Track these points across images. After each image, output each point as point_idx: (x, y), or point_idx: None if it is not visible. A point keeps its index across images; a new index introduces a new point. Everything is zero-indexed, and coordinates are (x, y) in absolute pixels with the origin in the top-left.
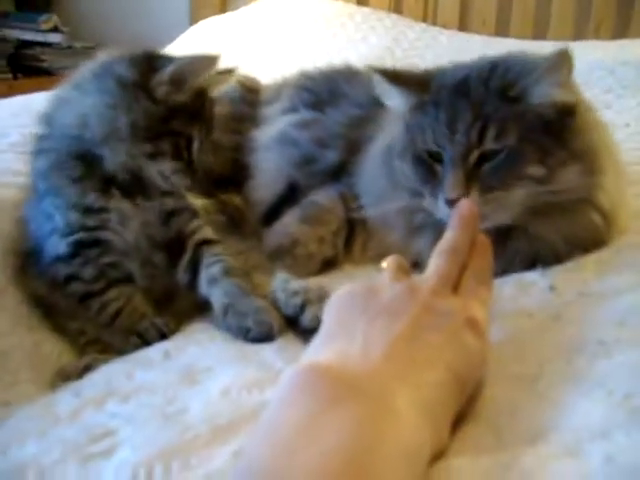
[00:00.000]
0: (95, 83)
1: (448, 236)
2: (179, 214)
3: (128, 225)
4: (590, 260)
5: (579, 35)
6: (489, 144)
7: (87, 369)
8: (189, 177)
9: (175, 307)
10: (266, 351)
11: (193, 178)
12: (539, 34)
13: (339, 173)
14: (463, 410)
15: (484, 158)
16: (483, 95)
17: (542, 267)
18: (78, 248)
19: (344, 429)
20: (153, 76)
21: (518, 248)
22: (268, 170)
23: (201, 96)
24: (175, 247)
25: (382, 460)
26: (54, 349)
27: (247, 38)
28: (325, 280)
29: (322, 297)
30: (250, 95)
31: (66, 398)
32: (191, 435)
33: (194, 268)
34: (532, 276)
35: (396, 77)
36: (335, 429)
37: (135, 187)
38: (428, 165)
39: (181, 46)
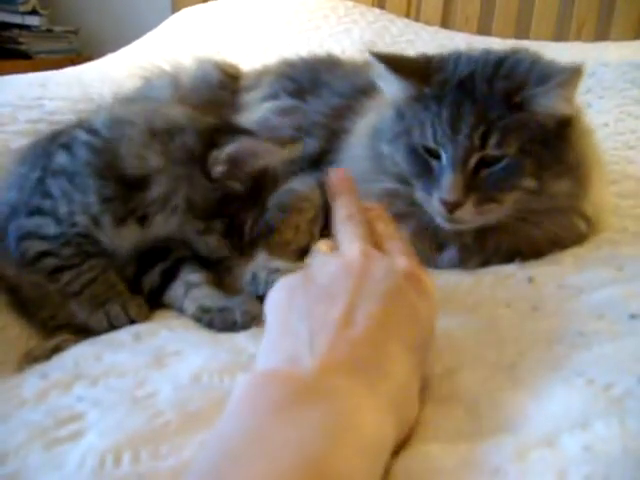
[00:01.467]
0: (163, 143)
1: (338, 205)
2: None
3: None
4: (569, 254)
5: (561, 36)
6: (490, 150)
7: (56, 351)
8: (235, 249)
9: None
10: (239, 336)
11: (237, 248)
12: (521, 33)
13: (318, 161)
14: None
15: (482, 164)
16: (487, 96)
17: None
18: (68, 237)
19: (295, 435)
20: (212, 152)
21: (500, 242)
22: None
23: (261, 178)
24: (154, 252)
25: (340, 461)
26: (22, 332)
27: (229, 28)
28: None
29: None
30: (229, 81)
31: (32, 380)
32: (161, 422)
33: (168, 275)
34: (510, 268)
35: (395, 63)
36: (286, 436)
37: None
38: (423, 159)
39: (162, 33)
